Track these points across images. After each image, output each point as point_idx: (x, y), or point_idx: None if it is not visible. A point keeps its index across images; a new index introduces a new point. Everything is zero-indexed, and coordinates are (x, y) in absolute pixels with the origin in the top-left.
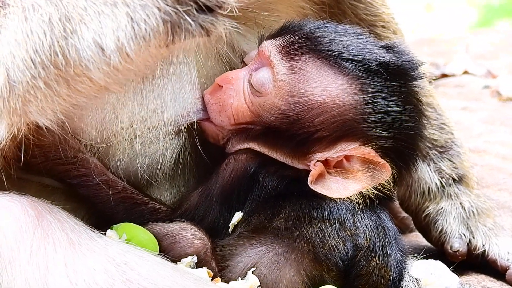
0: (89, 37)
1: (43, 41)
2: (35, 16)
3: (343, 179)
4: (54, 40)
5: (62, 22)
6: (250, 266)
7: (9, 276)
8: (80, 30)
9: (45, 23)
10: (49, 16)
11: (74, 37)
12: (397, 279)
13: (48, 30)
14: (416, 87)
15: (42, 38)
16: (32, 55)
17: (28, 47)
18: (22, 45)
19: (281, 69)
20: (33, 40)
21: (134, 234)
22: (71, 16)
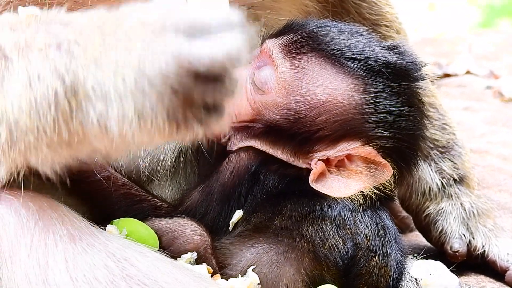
0: (94, 117)
1: (47, 113)
2: (40, 86)
3: (344, 178)
4: (58, 113)
5: (68, 97)
6: (250, 265)
7: (9, 270)
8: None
9: (50, 96)
10: (55, 90)
11: (79, 113)
12: (397, 278)
13: (52, 103)
14: (418, 88)
15: (46, 109)
16: (35, 122)
17: (32, 114)
18: (26, 111)
19: (283, 68)
20: (37, 110)
21: (135, 229)
22: (77, 92)
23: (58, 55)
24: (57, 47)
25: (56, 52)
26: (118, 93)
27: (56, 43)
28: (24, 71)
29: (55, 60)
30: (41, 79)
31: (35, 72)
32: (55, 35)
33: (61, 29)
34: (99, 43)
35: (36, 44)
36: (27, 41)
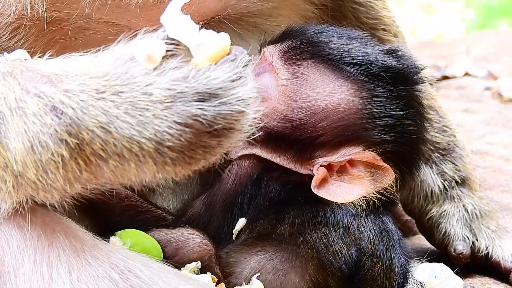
0: (107, 171)
1: (55, 172)
2: (44, 151)
3: (346, 183)
4: (68, 172)
5: (75, 156)
6: (255, 272)
7: (13, 284)
8: (98, 162)
9: (56, 160)
10: (60, 155)
11: (91, 167)
12: (402, 282)
13: (60, 165)
14: (418, 91)
15: (54, 169)
16: (44, 178)
17: (39, 172)
18: (32, 169)
19: (283, 74)
20: (45, 170)
21: (138, 240)
22: (84, 151)
23: (57, 120)
24: (52, 110)
25: (52, 116)
26: (134, 154)
27: (51, 106)
28: (23, 134)
29: (53, 125)
30: (43, 145)
31: (35, 137)
32: (47, 96)
33: (53, 90)
34: (102, 110)
35: (29, 107)
36: (17, 102)
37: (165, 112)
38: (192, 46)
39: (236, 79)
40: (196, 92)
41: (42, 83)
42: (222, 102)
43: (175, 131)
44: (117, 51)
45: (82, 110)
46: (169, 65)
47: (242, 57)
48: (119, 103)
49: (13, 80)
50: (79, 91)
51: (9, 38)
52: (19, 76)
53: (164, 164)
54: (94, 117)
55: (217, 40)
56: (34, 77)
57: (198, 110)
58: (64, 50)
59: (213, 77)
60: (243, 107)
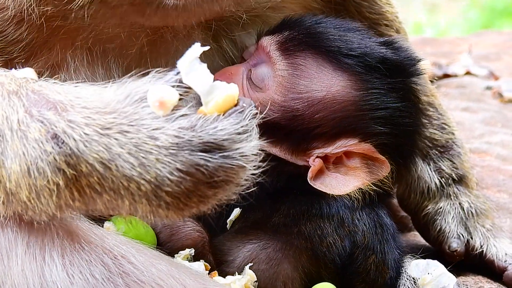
0: (102, 207)
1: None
2: (40, 177)
3: (342, 175)
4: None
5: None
6: (248, 261)
7: (6, 266)
8: (91, 195)
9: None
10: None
11: (85, 198)
12: (394, 277)
13: (54, 193)
14: (414, 83)
15: (48, 196)
16: (36, 203)
17: (33, 196)
18: (25, 192)
19: (281, 65)
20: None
21: (132, 226)
22: (81, 184)
23: (57, 149)
24: (53, 137)
25: (53, 145)
26: (130, 193)
27: (52, 134)
28: (21, 157)
29: (53, 153)
30: (40, 172)
31: (33, 162)
32: (50, 124)
33: (57, 118)
34: (105, 146)
35: (31, 132)
36: (19, 124)
37: (168, 158)
38: (203, 94)
39: (243, 132)
40: (202, 142)
41: (47, 109)
42: (225, 155)
43: (175, 178)
44: (128, 89)
45: (84, 143)
46: (178, 113)
47: (250, 109)
48: (123, 143)
49: (18, 100)
50: (84, 124)
51: (14, 30)
52: (24, 97)
53: (158, 206)
54: (95, 152)
55: (227, 90)
56: (39, 101)
57: (201, 160)
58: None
59: (220, 128)
60: (245, 163)
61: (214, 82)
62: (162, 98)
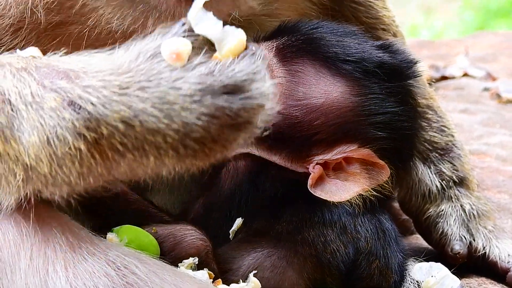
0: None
1: (70, 167)
2: (61, 145)
3: (342, 181)
4: (83, 167)
5: (92, 152)
6: (252, 269)
7: (9, 280)
8: (114, 158)
9: (73, 154)
10: (78, 148)
11: (107, 163)
12: (398, 281)
13: (76, 159)
14: (412, 86)
15: (69, 164)
16: (57, 172)
17: (53, 166)
18: (46, 163)
19: (279, 72)
20: (59, 164)
21: (135, 237)
22: (102, 146)
23: (75, 115)
24: (70, 104)
25: (70, 111)
26: (155, 147)
27: (68, 101)
28: (39, 128)
29: (71, 119)
30: (60, 139)
31: (52, 131)
32: (65, 92)
33: (71, 86)
34: (125, 105)
35: (46, 102)
36: (34, 96)
37: (194, 105)
38: (216, 41)
39: (258, 72)
40: (223, 85)
41: (59, 79)
42: (246, 96)
43: (202, 123)
44: (138, 48)
45: (104, 105)
46: (195, 61)
47: (260, 52)
48: (145, 98)
49: (28, 75)
50: (100, 87)
51: (11, 39)
52: (34, 71)
53: (185, 156)
54: (116, 112)
55: (237, 35)
56: (50, 73)
57: (225, 103)
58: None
59: (238, 70)
60: (265, 101)
61: (224, 27)
62: (177, 49)
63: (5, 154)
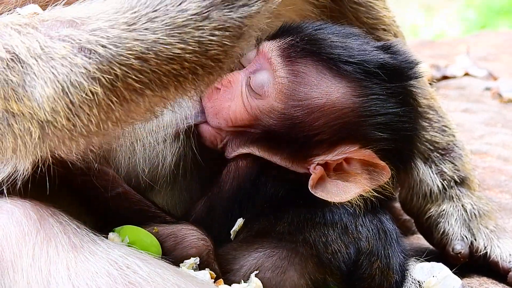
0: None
1: (89, 112)
2: (76, 91)
3: (343, 182)
4: (100, 111)
5: (108, 94)
6: (253, 270)
7: (11, 279)
8: (130, 97)
9: (90, 99)
10: (95, 93)
11: (124, 104)
12: (400, 281)
13: (94, 104)
14: (413, 87)
15: (87, 110)
16: (75, 122)
17: (71, 116)
18: (63, 114)
19: (281, 72)
20: (76, 112)
21: (137, 236)
22: (118, 87)
23: (87, 60)
24: (80, 51)
25: (82, 57)
26: (174, 75)
27: (78, 47)
28: (52, 78)
29: (84, 64)
30: (75, 86)
31: (65, 79)
32: (73, 39)
33: (77, 32)
34: (137, 40)
35: (56, 52)
36: (43, 48)
37: (205, 22)
38: None
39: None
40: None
41: (65, 28)
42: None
43: (217, 38)
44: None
45: (115, 45)
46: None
47: None
48: (155, 28)
49: (33, 30)
50: (108, 27)
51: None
52: (39, 25)
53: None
54: (128, 49)
55: None
56: (55, 24)
57: (231, 13)
58: None
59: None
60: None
61: None
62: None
63: (19, 113)
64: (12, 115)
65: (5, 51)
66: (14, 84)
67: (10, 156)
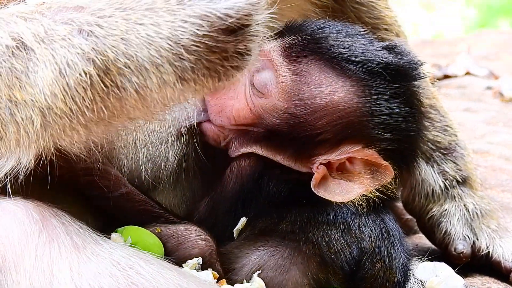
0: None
1: (84, 96)
2: (72, 73)
3: (346, 181)
4: (95, 94)
5: (102, 77)
6: (256, 269)
7: (14, 280)
8: (121, 83)
9: (84, 80)
10: (88, 74)
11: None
12: (402, 281)
13: (88, 86)
14: (417, 87)
15: (82, 93)
16: (72, 106)
17: (67, 100)
18: (60, 97)
19: (284, 71)
20: (72, 95)
21: (139, 237)
22: (110, 71)
23: (84, 41)
24: (79, 32)
25: (80, 38)
26: (154, 64)
27: (78, 29)
28: (51, 60)
29: (81, 45)
30: (71, 66)
31: (63, 60)
32: (74, 21)
33: (79, 15)
34: (123, 21)
35: (57, 33)
36: (46, 32)
37: (177, 6)
38: None
39: None
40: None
41: (69, 13)
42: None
43: (190, 25)
44: None
45: (108, 23)
46: None
47: None
48: (138, 7)
49: (40, 16)
50: (108, 7)
51: None
52: (46, 11)
53: (184, 71)
54: (117, 27)
55: None
56: (61, 10)
57: (211, 2)
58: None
59: None
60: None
61: None
62: None
63: (22, 102)
64: (15, 104)
65: (11, 38)
66: (18, 71)
67: (13, 147)
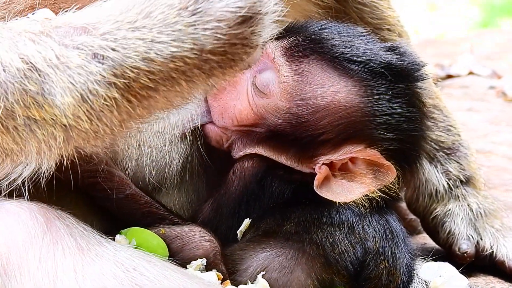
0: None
1: (110, 116)
2: (96, 99)
3: (348, 182)
4: (122, 113)
5: (127, 96)
6: (260, 270)
7: (19, 282)
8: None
9: (109, 104)
10: (113, 98)
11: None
12: (407, 281)
13: (114, 108)
14: (419, 88)
15: (108, 113)
16: (98, 125)
17: (93, 120)
18: (85, 119)
19: (286, 71)
20: (98, 116)
21: (143, 239)
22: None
23: (100, 66)
24: (94, 58)
25: (96, 64)
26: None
27: (92, 55)
28: (70, 87)
29: (99, 71)
30: (94, 93)
31: (84, 87)
32: (87, 47)
33: (90, 38)
34: (138, 39)
35: (72, 61)
36: (58, 58)
37: (193, 18)
38: None
39: None
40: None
41: (78, 35)
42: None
43: (210, 32)
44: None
45: (123, 47)
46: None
47: None
48: (151, 25)
49: (48, 38)
50: (115, 29)
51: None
52: (53, 33)
53: (211, 69)
54: (134, 49)
55: None
56: (68, 31)
57: (221, 2)
58: None
59: None
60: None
61: None
62: None
63: (41, 119)
64: (34, 121)
65: (21, 61)
66: (33, 92)
67: (34, 157)
